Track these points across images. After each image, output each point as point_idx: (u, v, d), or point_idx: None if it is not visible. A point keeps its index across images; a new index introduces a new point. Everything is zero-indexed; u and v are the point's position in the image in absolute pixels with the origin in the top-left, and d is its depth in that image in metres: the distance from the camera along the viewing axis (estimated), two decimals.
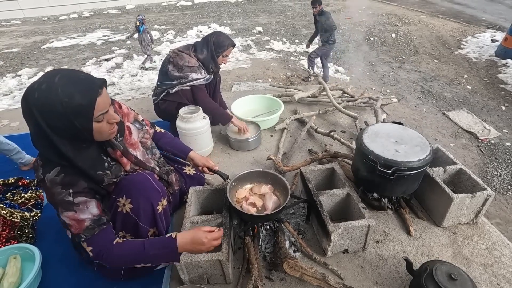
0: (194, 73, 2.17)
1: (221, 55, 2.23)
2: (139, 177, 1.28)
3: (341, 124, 2.67)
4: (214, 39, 2.20)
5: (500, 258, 1.48)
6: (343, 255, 1.51)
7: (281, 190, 1.59)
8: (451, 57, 6.41)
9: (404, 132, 1.63)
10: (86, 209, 1.11)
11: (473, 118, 4.08)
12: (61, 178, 1.07)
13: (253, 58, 6.16)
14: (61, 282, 1.45)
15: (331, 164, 1.79)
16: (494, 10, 9.57)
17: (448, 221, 1.60)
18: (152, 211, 1.30)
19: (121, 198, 1.24)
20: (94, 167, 1.15)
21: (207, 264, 1.30)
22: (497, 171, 3.20)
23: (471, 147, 3.56)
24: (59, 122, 0.99)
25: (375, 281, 1.40)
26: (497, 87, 5.05)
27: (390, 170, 1.42)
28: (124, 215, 1.25)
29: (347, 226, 1.39)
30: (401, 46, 7.13)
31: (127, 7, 11.00)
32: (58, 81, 0.98)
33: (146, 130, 1.49)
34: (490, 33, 7.36)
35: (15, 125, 2.92)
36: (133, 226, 1.28)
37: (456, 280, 1.17)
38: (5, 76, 5.60)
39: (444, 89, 5.08)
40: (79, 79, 1.01)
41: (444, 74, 5.65)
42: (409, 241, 1.57)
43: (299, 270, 1.35)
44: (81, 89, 0.99)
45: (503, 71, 5.60)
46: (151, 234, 1.34)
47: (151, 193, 1.29)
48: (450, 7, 9.88)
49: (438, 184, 1.58)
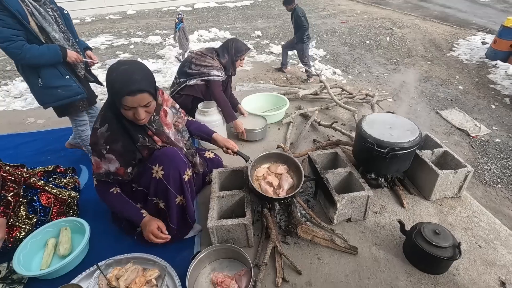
0: (216, 71, 2.46)
1: (240, 59, 2.54)
2: (170, 150, 1.56)
3: (341, 118, 2.95)
4: (234, 45, 2.50)
5: (479, 223, 1.75)
6: (347, 223, 1.78)
7: (294, 170, 1.85)
8: (443, 59, 6.63)
9: (397, 120, 1.90)
10: (107, 164, 1.47)
11: (464, 116, 4.25)
12: (107, 135, 1.43)
13: (254, 61, 6.41)
14: (105, 249, 1.69)
15: (334, 149, 2.06)
16: (484, 13, 9.82)
17: (436, 195, 1.87)
18: (180, 178, 1.56)
19: (155, 166, 1.52)
20: (134, 129, 1.47)
21: (234, 228, 1.55)
22: (487, 165, 3.35)
23: (463, 144, 3.71)
24: (111, 93, 1.37)
25: (374, 242, 1.66)
26: (487, 87, 5.24)
27: (385, 150, 1.69)
28: (157, 180, 1.53)
29: (350, 196, 1.65)
30: (395, 49, 7.35)
31: (128, 13, 11.24)
32: (121, 69, 1.32)
33: (181, 116, 1.78)
34: (481, 36, 7.60)
35: (41, 122, 3.15)
36: (164, 191, 1.55)
37: (439, 234, 1.44)
38: (14, 80, 5.79)
39: (437, 89, 5.26)
40: (127, 77, 1.31)
41: (437, 75, 5.86)
42: (402, 212, 1.84)
43: (310, 233, 1.61)
44: (123, 81, 1.30)
45: (493, 72, 5.82)
46: (178, 201, 1.60)
47: (179, 163, 1.56)
48: (442, 11, 10.16)
49: (427, 163, 1.85)
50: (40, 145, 2.70)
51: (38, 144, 2.71)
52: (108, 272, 1.51)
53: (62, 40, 1.93)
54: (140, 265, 1.53)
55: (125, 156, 1.49)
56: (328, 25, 8.79)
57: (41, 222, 1.73)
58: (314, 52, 6.92)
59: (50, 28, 1.85)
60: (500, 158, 3.46)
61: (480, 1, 11.16)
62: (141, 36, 8.25)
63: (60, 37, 1.92)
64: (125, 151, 1.47)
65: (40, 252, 1.65)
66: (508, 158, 3.43)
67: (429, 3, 11.11)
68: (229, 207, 1.78)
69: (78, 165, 2.36)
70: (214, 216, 1.59)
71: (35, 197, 1.76)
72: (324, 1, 11.72)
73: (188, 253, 1.63)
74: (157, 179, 1.53)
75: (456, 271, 1.50)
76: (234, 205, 1.78)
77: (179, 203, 1.60)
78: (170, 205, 1.58)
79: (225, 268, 1.55)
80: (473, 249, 1.61)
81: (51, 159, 2.47)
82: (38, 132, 2.92)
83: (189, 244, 1.70)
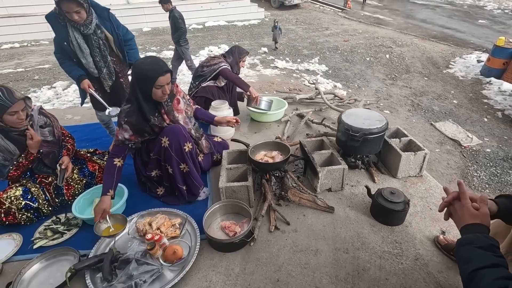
0: (224, 63, 3.08)
1: (242, 60, 3.22)
2: (175, 126, 2.09)
3: (332, 118, 3.43)
4: (237, 49, 3.22)
5: (433, 194, 2.20)
6: (328, 193, 2.24)
7: (285, 153, 2.32)
8: (440, 75, 6.92)
9: (370, 113, 2.38)
10: (123, 132, 1.96)
11: (457, 128, 4.47)
12: (127, 111, 1.95)
13: (260, 74, 6.97)
14: (138, 207, 2.16)
15: (321, 138, 2.55)
16: (482, 34, 10.19)
17: (401, 173, 2.33)
18: (180, 148, 2.06)
19: (163, 138, 2.04)
20: (148, 111, 1.98)
21: (239, 189, 2.03)
22: (476, 173, 3.58)
23: (455, 153, 3.94)
24: (141, 80, 1.88)
25: (348, 205, 2.12)
26: (481, 102, 5.50)
27: (357, 134, 2.16)
28: (165, 149, 2.05)
29: (329, 168, 2.13)
30: (394, 66, 7.66)
31: (143, 30, 12.09)
32: (149, 61, 1.88)
33: (190, 105, 2.35)
34: (476, 54, 7.90)
35: (78, 118, 3.72)
36: (169, 158, 2.06)
37: (394, 194, 1.90)
38: (41, 88, 6.43)
39: (432, 103, 5.51)
40: (157, 64, 1.88)
41: (433, 90, 6.14)
42: (374, 186, 2.29)
43: (298, 196, 2.07)
44: (155, 68, 1.85)
45: (487, 88, 6.09)
46: (182, 168, 2.10)
47: (180, 136, 2.06)
48: (441, 31, 10.58)
49: (393, 147, 2.32)
50: (78, 135, 3.22)
51: (77, 134, 3.21)
52: (142, 220, 1.99)
53: (91, 64, 2.45)
54: (166, 215, 2.01)
55: (136, 127, 1.98)
56: (331, 43, 9.35)
57: (89, 184, 2.25)
58: (316, 68, 7.42)
59: (80, 55, 2.40)
60: (490, 166, 3.70)
61: (478, 22, 11.65)
62: (156, 50, 8.91)
63: (89, 62, 2.44)
64: (136, 124, 1.97)
65: (90, 207, 2.16)
66: (497, 166, 3.67)
67: (429, 24, 11.61)
68: (235, 177, 2.26)
69: None
70: (224, 180, 2.08)
71: (84, 165, 2.29)
72: (328, 21, 12.39)
73: (203, 210, 2.10)
74: (164, 148, 2.05)
75: (409, 224, 1.94)
76: (239, 176, 2.25)
77: (183, 170, 2.11)
78: (174, 170, 2.09)
79: (231, 219, 2.01)
80: (425, 211, 2.05)
81: (89, 146, 3.00)
82: (76, 126, 3.49)
83: (204, 204, 2.18)
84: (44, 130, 2.04)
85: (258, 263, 1.75)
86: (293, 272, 1.69)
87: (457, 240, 1.06)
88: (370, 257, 1.75)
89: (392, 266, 1.70)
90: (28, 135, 1.91)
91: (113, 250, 1.70)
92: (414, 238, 1.86)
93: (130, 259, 1.65)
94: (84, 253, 1.80)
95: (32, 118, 1.98)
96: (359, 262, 1.73)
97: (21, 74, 7.14)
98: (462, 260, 1.00)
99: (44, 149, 2.05)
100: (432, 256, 1.75)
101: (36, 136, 1.94)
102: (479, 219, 1.04)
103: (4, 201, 1.94)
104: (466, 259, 0.98)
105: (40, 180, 2.11)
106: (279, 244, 1.85)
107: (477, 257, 0.95)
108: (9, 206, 1.95)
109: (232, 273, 1.69)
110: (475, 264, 0.94)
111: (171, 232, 1.88)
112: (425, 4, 15.35)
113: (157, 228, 1.88)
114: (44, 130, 2.05)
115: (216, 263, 1.75)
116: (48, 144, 2.07)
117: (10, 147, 1.91)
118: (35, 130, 1.97)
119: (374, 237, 1.88)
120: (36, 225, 2.06)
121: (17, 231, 2.00)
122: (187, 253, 1.74)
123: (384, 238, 1.87)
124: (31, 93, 5.93)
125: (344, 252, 1.79)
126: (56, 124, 2.15)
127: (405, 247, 1.80)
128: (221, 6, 12.37)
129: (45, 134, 2.05)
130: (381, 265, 1.70)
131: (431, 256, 1.75)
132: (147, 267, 1.63)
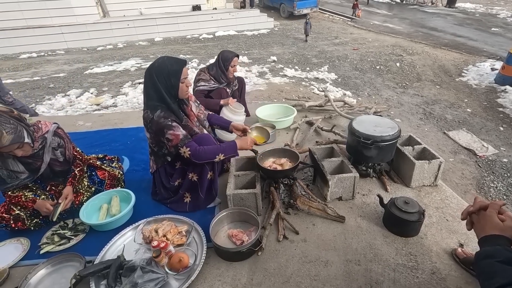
0: (203, 82, 3.02)
1: (229, 65, 3.02)
2: (206, 135, 2.11)
3: (341, 126, 3.37)
4: (220, 57, 3.03)
5: (449, 204, 2.11)
6: (338, 201, 2.17)
7: (295, 160, 2.27)
8: (452, 84, 6.80)
9: (381, 120, 2.32)
10: (179, 129, 1.91)
11: (472, 137, 4.36)
12: (163, 114, 1.89)
13: (269, 82, 6.98)
14: (145, 213, 2.14)
15: (331, 145, 2.49)
16: (495, 42, 10.02)
17: (415, 183, 2.25)
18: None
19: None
20: (178, 112, 1.99)
21: (246, 196, 1.98)
22: (493, 183, 3.47)
23: (470, 162, 3.84)
24: (165, 80, 1.87)
25: (359, 215, 2.05)
26: (495, 110, 5.35)
27: (369, 141, 2.10)
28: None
29: (340, 176, 2.06)
30: (405, 74, 7.58)
31: (155, 40, 12.33)
32: (166, 59, 1.88)
33: (202, 109, 2.33)
34: (490, 62, 7.77)
35: (89, 124, 3.77)
36: (200, 166, 2.03)
37: (409, 204, 1.82)
38: (56, 95, 6.58)
39: (445, 112, 5.40)
40: (176, 59, 1.90)
41: (445, 98, 6.03)
42: (386, 195, 2.21)
43: (307, 204, 2.02)
44: (177, 62, 1.88)
45: (502, 96, 5.93)
46: (209, 176, 2.06)
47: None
48: (452, 39, 10.46)
49: (407, 155, 2.24)
50: (89, 141, 3.28)
51: (88, 140, 3.30)
52: (148, 227, 1.96)
53: None
54: (173, 222, 1.97)
55: (180, 125, 1.96)
56: (340, 52, 9.34)
57: (98, 191, 2.24)
58: (326, 76, 7.41)
59: None
60: (507, 176, 3.57)
61: (491, 30, 11.49)
62: None
63: None
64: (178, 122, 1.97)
65: (97, 213, 2.14)
66: None
67: (440, 32, 11.50)
68: (243, 184, 2.22)
69: (121, 156, 2.90)
70: (232, 187, 2.04)
71: (93, 173, 2.29)
72: (337, 30, 12.42)
73: (210, 217, 2.06)
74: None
75: (424, 235, 1.86)
76: (247, 183, 2.21)
77: (209, 178, 2.07)
78: (203, 178, 2.04)
79: (238, 227, 1.96)
80: (441, 222, 1.96)
81: (99, 151, 3.00)
82: (86, 132, 3.53)
83: (211, 211, 2.14)
84: (56, 152, 2.04)
85: (266, 273, 1.69)
86: (302, 284, 1.62)
87: (475, 253, 0.99)
88: (384, 270, 1.67)
89: (407, 280, 1.61)
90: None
91: (121, 257, 1.68)
92: (430, 250, 1.77)
93: (135, 266, 1.62)
94: (90, 259, 1.77)
95: (45, 141, 1.96)
96: (372, 275, 1.65)
97: (37, 82, 7.34)
98: (484, 275, 0.93)
99: (56, 168, 2.07)
100: (450, 270, 1.65)
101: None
102: (503, 231, 0.97)
103: (14, 208, 1.95)
104: (488, 275, 0.91)
105: (50, 187, 2.11)
106: (288, 254, 1.79)
107: (501, 272, 0.88)
108: (18, 213, 1.95)
109: (239, 284, 1.64)
110: (498, 280, 0.87)
111: (177, 240, 1.85)
112: (436, 13, 15.26)
113: (163, 235, 1.84)
114: (57, 152, 2.05)
115: (223, 273, 1.70)
116: (60, 164, 2.09)
117: (19, 168, 1.91)
118: (46, 152, 1.96)
119: (388, 248, 1.80)
120: (44, 230, 2.05)
121: (25, 236, 2.00)
122: (193, 261, 1.70)
123: (398, 250, 1.79)
124: (46, 101, 6.06)
125: (356, 264, 1.72)
126: (69, 146, 2.13)
127: (421, 260, 1.72)
128: (231, 16, 12.56)
129: (57, 155, 2.05)
130: (395, 279, 1.62)
131: (448, 270, 1.65)
132: (152, 275, 1.59)
